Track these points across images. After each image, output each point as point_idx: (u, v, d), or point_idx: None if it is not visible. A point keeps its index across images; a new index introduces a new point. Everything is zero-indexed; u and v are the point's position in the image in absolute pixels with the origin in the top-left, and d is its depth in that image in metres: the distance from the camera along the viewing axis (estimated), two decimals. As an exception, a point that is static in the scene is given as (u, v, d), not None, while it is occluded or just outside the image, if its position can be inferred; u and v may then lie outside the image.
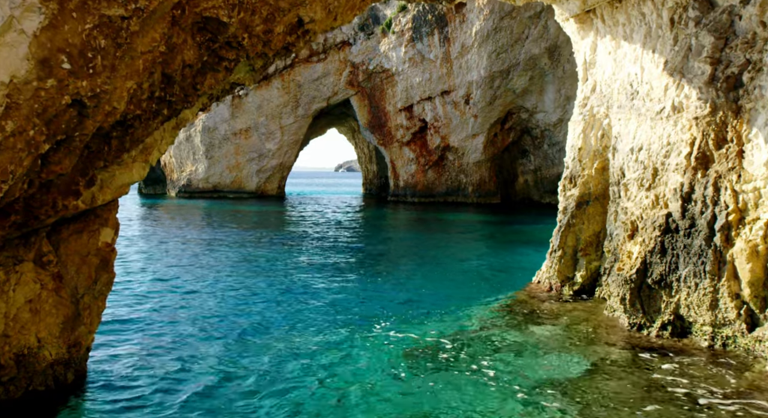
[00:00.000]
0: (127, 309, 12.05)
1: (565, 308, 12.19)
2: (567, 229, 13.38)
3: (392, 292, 14.18)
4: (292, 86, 49.45)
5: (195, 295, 13.59)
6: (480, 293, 13.97)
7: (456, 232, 28.19)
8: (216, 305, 12.55)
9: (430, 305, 12.75)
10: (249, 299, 13.15)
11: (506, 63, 42.42)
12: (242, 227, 28.62)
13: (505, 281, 15.60)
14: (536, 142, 47.07)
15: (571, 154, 13.88)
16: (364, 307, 12.58)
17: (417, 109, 47.14)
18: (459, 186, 48.24)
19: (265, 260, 18.88)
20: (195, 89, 5.74)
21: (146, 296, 13.42)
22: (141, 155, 6.73)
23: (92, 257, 6.57)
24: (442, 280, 15.89)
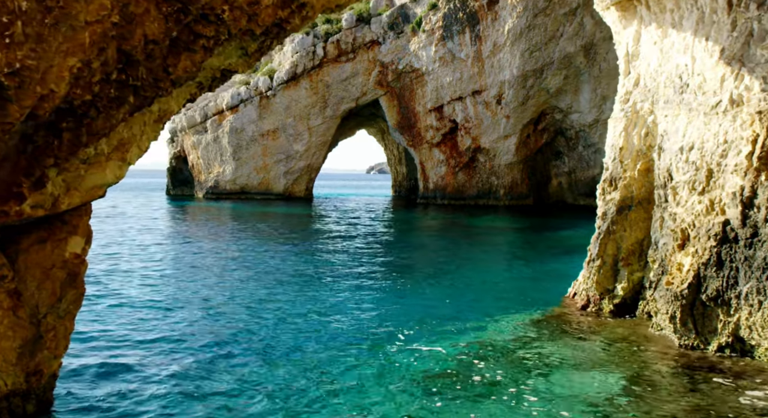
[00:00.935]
0: (131, 320, 11.26)
1: (605, 323, 11.02)
2: (607, 236, 12.20)
3: (418, 303, 13.16)
4: (321, 86, 48.72)
5: (209, 304, 12.76)
6: (512, 305, 12.86)
7: (487, 237, 27.03)
8: (229, 317, 11.69)
9: (459, 318, 11.70)
10: (264, 310, 12.26)
11: (540, 62, 41.06)
12: (266, 231, 27.87)
13: (539, 291, 14.45)
14: (571, 143, 45.56)
15: (612, 155, 12.69)
16: (387, 319, 11.59)
17: (447, 110, 46.01)
18: (490, 188, 46.97)
19: (287, 266, 18.01)
20: (167, 73, 4.82)
21: (162, 306, 12.62)
22: (116, 153, 5.82)
23: (57, 271, 5.69)
24: (471, 290, 14.82)
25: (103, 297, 13.09)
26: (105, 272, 16.29)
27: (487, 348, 9.56)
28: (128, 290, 14.11)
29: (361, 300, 13.22)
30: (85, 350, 9.25)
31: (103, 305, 12.43)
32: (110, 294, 13.46)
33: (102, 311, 11.87)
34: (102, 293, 13.45)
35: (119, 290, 13.93)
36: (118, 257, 18.89)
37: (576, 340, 9.94)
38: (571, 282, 13.80)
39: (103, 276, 15.61)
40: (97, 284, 14.37)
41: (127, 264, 17.64)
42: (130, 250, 20.74)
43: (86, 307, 11.78)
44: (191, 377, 8.17)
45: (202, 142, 51.19)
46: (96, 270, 16.25)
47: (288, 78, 48.34)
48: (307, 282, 15.36)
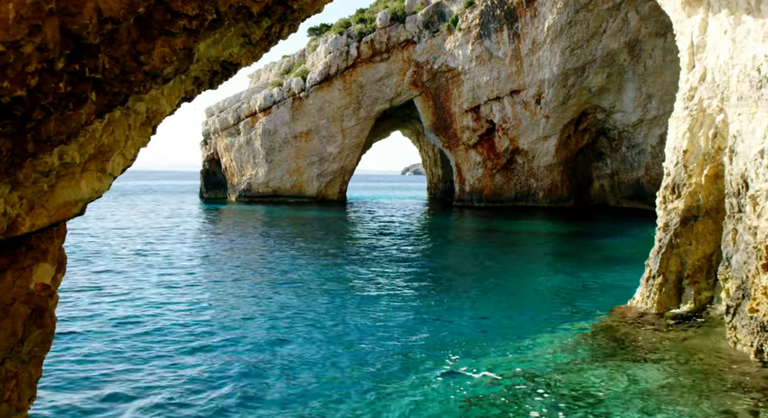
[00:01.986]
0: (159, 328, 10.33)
1: (670, 337, 9.65)
2: (669, 250, 10.85)
3: (455, 316, 12.00)
4: (354, 87, 47.76)
5: (236, 317, 11.80)
6: (560, 321, 11.59)
7: (527, 243, 25.65)
8: (257, 330, 10.76)
9: (500, 332, 10.52)
10: (295, 323, 11.30)
11: (581, 59, 39.39)
12: (298, 238, 26.96)
13: (588, 306, 13.14)
14: (613, 144, 43.73)
15: (674, 158, 11.32)
16: (423, 335, 10.48)
17: (484, 110, 44.60)
18: (529, 191, 45.41)
19: (319, 276, 16.99)
20: (138, 63, 3.76)
21: (192, 311, 11.69)
22: (94, 162, 4.79)
23: (19, 306, 4.68)
24: (512, 302, 13.58)
25: (125, 308, 12.24)
26: (131, 281, 15.49)
27: (536, 370, 8.36)
28: (155, 297, 13.27)
29: (394, 315, 12.11)
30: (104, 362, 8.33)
31: (123, 318, 11.57)
32: (136, 304, 12.61)
33: (117, 325, 10.99)
34: (125, 305, 12.61)
35: (146, 300, 13.08)
36: (142, 266, 18.13)
37: (640, 360, 8.64)
38: (622, 295, 12.49)
39: (127, 288, 14.81)
40: (123, 297, 13.55)
41: (148, 271, 16.84)
42: (153, 257, 19.98)
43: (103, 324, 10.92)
44: (218, 395, 7.21)
45: (235, 145, 50.68)
46: (116, 282, 15.47)
47: (321, 79, 47.49)
48: (337, 293, 14.32)
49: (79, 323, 11.25)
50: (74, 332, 10.60)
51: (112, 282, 15.47)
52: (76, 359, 9.16)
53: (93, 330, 10.79)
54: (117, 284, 15.22)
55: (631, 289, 15.10)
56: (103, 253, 20.63)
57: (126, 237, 25.47)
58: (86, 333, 10.60)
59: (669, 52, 37.45)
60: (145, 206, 45.01)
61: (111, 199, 53.65)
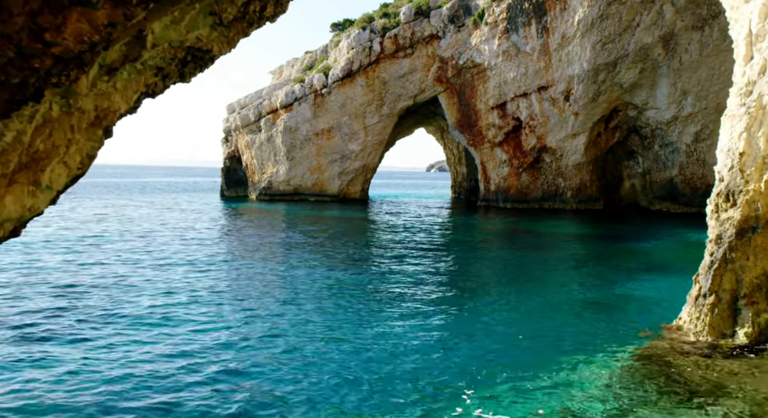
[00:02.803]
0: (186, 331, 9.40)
1: (732, 371, 8.42)
2: (722, 266, 9.60)
3: (478, 335, 10.88)
4: (377, 83, 46.68)
5: (247, 329, 10.83)
6: (597, 341, 10.42)
7: (555, 247, 24.37)
8: (265, 346, 9.83)
9: (530, 357, 9.38)
10: (304, 338, 10.26)
11: (613, 54, 37.81)
12: (319, 240, 26.01)
13: (625, 320, 11.93)
14: (645, 142, 42.06)
15: (728, 162, 10.06)
16: (441, 360, 9.39)
17: (511, 107, 43.20)
18: (556, 191, 43.93)
19: (336, 283, 15.99)
20: (44, 43, 2.73)
21: (201, 325, 10.75)
22: (24, 174, 3.81)
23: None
24: (543, 317, 12.42)
25: (140, 317, 11.34)
26: (142, 291, 14.62)
27: (577, 413, 7.23)
28: (170, 308, 12.38)
29: (413, 332, 11.02)
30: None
31: (135, 328, 10.66)
32: (148, 314, 11.72)
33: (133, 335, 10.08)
34: (135, 314, 11.72)
35: (156, 308, 12.17)
36: (159, 269, 17.27)
37: (704, 403, 7.45)
38: (664, 310, 11.28)
39: (138, 296, 13.93)
40: (133, 308, 12.67)
41: (162, 275, 15.97)
42: (162, 263, 19.14)
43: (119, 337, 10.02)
44: None
45: (256, 142, 49.92)
46: (131, 292, 14.61)
47: (343, 75, 46.48)
48: (355, 304, 13.29)
49: (79, 326, 10.40)
50: (67, 334, 9.72)
51: (113, 286, 14.63)
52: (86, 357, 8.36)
53: (93, 335, 9.90)
54: (120, 292, 14.36)
55: (673, 302, 13.82)
56: (104, 254, 19.86)
57: (136, 240, 24.74)
58: (85, 334, 9.71)
59: (706, 46, 35.79)
60: (161, 206, 44.50)
61: (126, 199, 53.31)
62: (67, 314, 12.02)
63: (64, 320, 11.50)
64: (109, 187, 73.46)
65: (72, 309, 12.42)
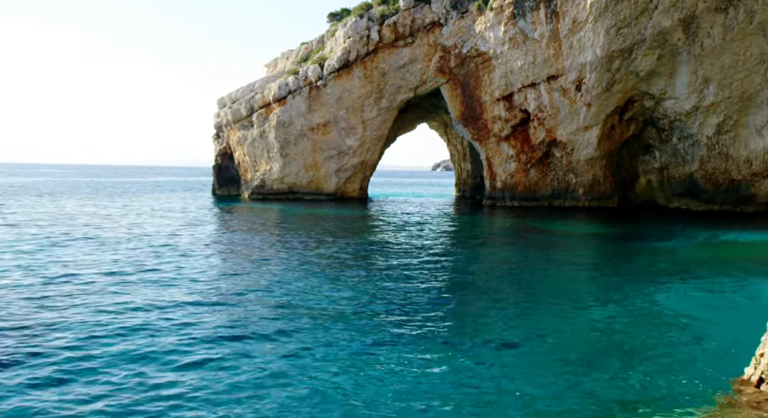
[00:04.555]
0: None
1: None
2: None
3: (483, 374, 8.15)
4: (376, 75, 43.91)
5: (239, 331, 8.18)
6: (631, 393, 7.65)
7: (568, 251, 21.57)
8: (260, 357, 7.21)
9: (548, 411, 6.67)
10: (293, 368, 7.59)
11: (628, 40, 34.90)
12: (313, 243, 23.31)
13: (667, 363, 9.15)
14: (663, 135, 39.14)
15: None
16: (433, 403, 6.69)
17: (518, 98, 40.35)
18: (567, 187, 41.09)
19: (329, 292, 13.25)
20: None
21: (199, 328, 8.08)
22: None
23: None
24: (561, 347, 9.69)
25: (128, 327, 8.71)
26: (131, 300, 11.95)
27: None
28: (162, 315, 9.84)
29: (407, 370, 8.28)
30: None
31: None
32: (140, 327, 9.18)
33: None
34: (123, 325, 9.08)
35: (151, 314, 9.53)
36: (144, 277, 14.61)
37: None
38: (701, 327, 8.48)
39: (129, 307, 11.26)
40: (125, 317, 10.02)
41: (136, 289, 13.31)
42: (139, 273, 16.47)
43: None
44: None
45: (248, 138, 47.23)
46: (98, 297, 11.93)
47: (340, 66, 43.73)
48: (349, 316, 10.57)
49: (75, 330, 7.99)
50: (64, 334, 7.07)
51: (93, 294, 11.97)
52: None
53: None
54: (101, 299, 11.69)
55: (720, 325, 11.03)
56: (83, 262, 17.21)
57: (114, 243, 22.13)
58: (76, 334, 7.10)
59: (730, 29, 32.84)
60: (147, 206, 41.88)
61: (106, 199, 50.87)
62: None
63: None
64: (95, 187, 71.03)
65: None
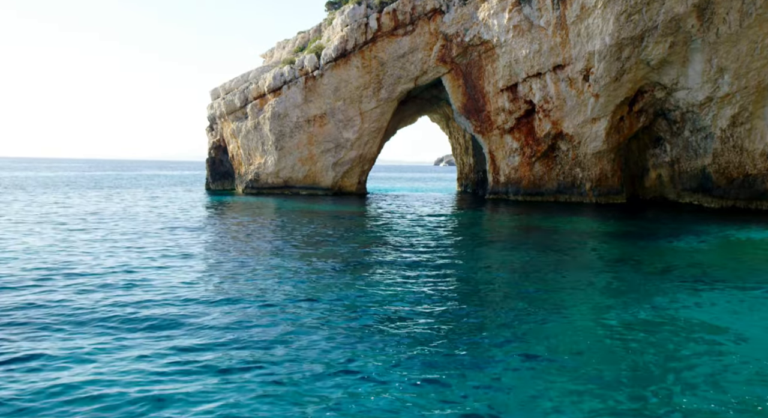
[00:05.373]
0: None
1: None
2: None
3: (496, 388, 6.53)
4: (374, 64, 42.17)
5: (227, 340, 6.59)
6: (666, 400, 6.03)
7: (577, 253, 19.87)
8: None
9: None
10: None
11: (639, 27, 33.14)
12: (306, 243, 21.68)
13: (689, 360, 7.51)
14: (674, 127, 37.37)
15: None
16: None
17: (522, 89, 38.60)
18: (573, 182, 39.39)
19: (323, 295, 11.61)
20: None
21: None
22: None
23: None
24: (580, 361, 8.04)
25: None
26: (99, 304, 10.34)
27: None
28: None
29: (400, 394, 6.66)
30: None
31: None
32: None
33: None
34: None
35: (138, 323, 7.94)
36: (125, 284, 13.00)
37: None
38: (745, 345, 6.83)
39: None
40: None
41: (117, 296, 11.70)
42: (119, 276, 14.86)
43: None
44: None
45: (242, 130, 45.56)
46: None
47: (337, 55, 41.99)
48: (341, 322, 8.94)
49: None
50: None
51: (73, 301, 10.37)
52: None
53: None
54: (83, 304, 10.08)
55: (757, 337, 9.39)
56: (73, 264, 15.61)
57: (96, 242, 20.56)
58: None
59: (747, 15, 31.00)
60: (133, 202, 40.29)
61: (96, 193, 49.31)
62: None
63: None
64: (88, 182, 69.51)
65: None
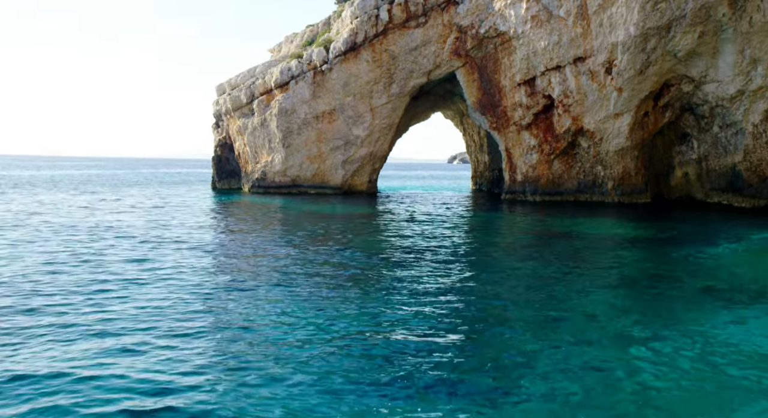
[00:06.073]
0: None
1: None
2: None
3: None
4: (385, 58, 40.37)
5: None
6: None
7: (601, 263, 17.93)
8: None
9: None
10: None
11: (666, 16, 31.06)
12: (312, 251, 20.03)
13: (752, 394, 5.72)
14: (702, 122, 35.23)
15: None
16: None
17: (541, 83, 36.63)
18: (594, 181, 37.40)
19: (327, 319, 9.92)
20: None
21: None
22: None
23: None
24: (614, 400, 6.30)
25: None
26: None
27: None
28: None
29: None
30: None
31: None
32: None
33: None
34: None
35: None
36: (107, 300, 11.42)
37: None
38: None
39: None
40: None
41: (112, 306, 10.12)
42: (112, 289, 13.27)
43: None
44: None
45: (249, 127, 43.98)
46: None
47: (346, 48, 40.25)
48: (342, 341, 7.27)
49: None
50: None
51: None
52: None
53: None
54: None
55: None
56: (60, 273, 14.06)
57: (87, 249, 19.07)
58: None
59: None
60: (136, 201, 38.88)
61: (97, 192, 47.90)
62: None
63: None
64: (90, 180, 68.36)
65: None
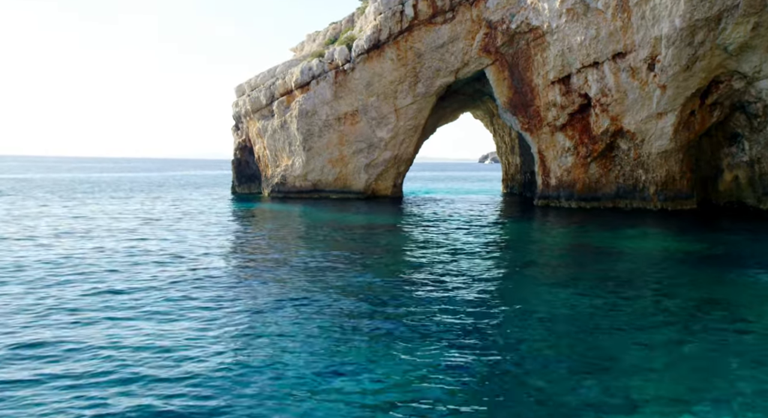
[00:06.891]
0: None
1: None
2: None
3: None
4: (410, 56, 38.25)
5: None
6: None
7: (643, 289, 15.49)
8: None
9: None
10: None
11: (716, 6, 28.34)
12: (333, 270, 18.10)
13: None
14: (755, 122, 32.40)
15: None
16: None
17: (577, 81, 34.12)
18: (635, 185, 34.77)
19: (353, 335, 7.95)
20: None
21: None
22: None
23: None
24: None
25: None
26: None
27: None
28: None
29: None
30: None
31: None
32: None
33: None
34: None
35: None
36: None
37: None
38: None
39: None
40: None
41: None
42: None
43: None
44: None
45: (268, 129, 42.27)
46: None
47: (369, 46, 38.24)
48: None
49: None
50: None
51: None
52: None
53: None
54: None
55: None
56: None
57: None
58: None
59: None
60: (152, 208, 37.42)
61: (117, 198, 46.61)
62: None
63: None
64: (110, 185, 67.44)
65: None
